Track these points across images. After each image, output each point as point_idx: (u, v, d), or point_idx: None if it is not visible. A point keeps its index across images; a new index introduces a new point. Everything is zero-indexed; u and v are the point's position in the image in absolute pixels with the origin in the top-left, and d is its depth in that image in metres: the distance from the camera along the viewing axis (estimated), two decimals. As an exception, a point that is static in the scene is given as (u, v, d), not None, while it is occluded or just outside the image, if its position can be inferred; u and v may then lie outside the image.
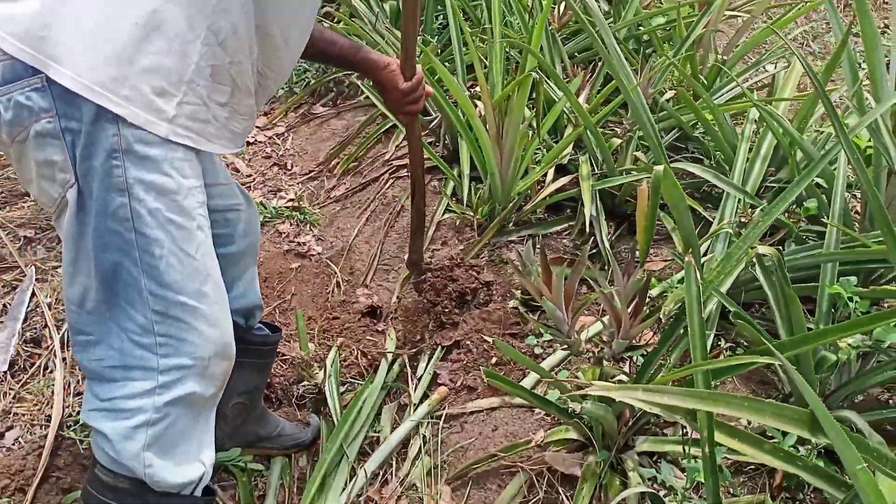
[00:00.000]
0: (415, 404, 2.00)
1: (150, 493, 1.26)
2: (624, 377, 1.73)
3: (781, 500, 1.61)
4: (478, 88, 2.81)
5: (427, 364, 2.12)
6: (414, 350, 2.15)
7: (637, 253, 1.71)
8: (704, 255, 2.13)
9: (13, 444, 1.87)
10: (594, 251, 2.44)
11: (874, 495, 0.94)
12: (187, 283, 1.22)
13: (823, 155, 1.67)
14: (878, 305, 2.08)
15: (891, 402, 1.76)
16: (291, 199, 2.95)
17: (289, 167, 3.21)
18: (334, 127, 3.38)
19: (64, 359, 2.10)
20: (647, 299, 1.89)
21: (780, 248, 2.13)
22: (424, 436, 1.90)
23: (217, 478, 1.82)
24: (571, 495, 1.66)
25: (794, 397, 1.73)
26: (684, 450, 1.58)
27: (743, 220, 2.15)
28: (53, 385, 2.00)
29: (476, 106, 2.51)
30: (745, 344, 2.04)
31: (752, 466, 1.70)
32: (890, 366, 1.65)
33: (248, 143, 3.36)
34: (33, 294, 2.34)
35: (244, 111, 1.33)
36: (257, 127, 3.45)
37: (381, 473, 1.84)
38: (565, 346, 1.64)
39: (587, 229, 2.30)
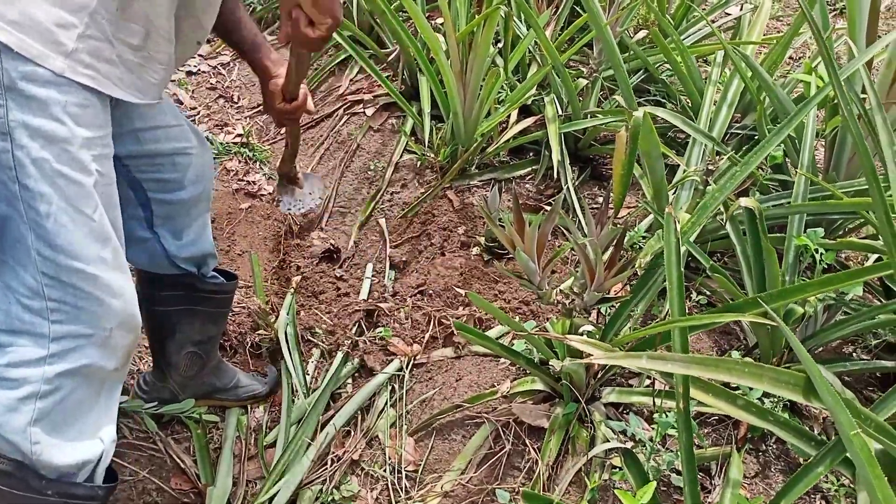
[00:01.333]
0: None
1: (35, 478, 1.13)
2: (591, 327, 1.70)
3: (746, 450, 1.62)
4: (438, 20, 2.68)
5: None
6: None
7: (610, 201, 1.66)
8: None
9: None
10: (559, 195, 2.39)
11: (867, 459, 0.93)
12: (83, 248, 1.08)
13: (805, 103, 1.63)
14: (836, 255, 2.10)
15: (853, 355, 1.79)
16: (239, 135, 2.79)
17: (235, 100, 3.03)
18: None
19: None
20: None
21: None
22: (392, 387, 1.85)
23: (170, 429, 1.74)
24: (539, 447, 1.64)
25: (760, 350, 1.73)
26: (654, 403, 1.57)
27: (710, 167, 2.12)
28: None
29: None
30: (708, 294, 2.03)
31: (716, 418, 1.71)
32: (855, 320, 1.66)
33: (191, 73, 3.15)
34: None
35: (163, 59, 1.18)
36: (200, 55, 3.22)
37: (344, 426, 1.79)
38: (536, 298, 1.59)
39: (554, 174, 2.24)
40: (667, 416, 1.49)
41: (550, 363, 1.50)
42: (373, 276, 2.19)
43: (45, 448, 1.11)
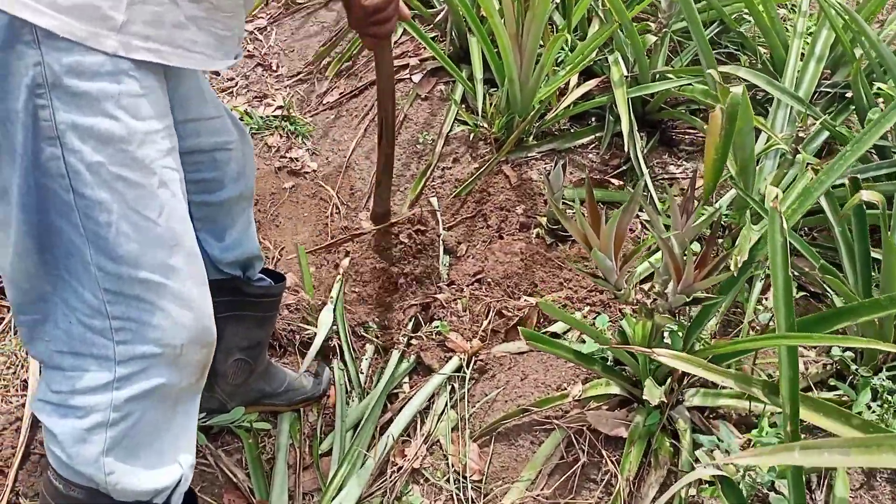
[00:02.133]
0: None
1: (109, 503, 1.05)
2: (674, 326, 1.54)
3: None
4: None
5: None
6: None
7: (696, 187, 1.47)
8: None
9: (-14, 416, 1.66)
10: (626, 166, 2.19)
11: None
12: (148, 255, 0.98)
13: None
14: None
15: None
16: (280, 107, 2.63)
17: (274, 68, 2.86)
18: (323, 19, 3.00)
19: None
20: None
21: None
22: (451, 386, 1.72)
23: (221, 441, 1.65)
24: (617, 459, 1.50)
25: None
26: (750, 411, 1.41)
27: (801, 134, 1.89)
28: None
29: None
30: (796, 275, 1.84)
31: (809, 426, 1.54)
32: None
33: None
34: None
35: (226, 6, 1.04)
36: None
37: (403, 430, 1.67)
38: (613, 297, 1.43)
39: (624, 146, 2.04)
40: (767, 432, 1.33)
41: (644, 396, 1.34)
42: (427, 261, 2.04)
43: (121, 477, 1.04)
